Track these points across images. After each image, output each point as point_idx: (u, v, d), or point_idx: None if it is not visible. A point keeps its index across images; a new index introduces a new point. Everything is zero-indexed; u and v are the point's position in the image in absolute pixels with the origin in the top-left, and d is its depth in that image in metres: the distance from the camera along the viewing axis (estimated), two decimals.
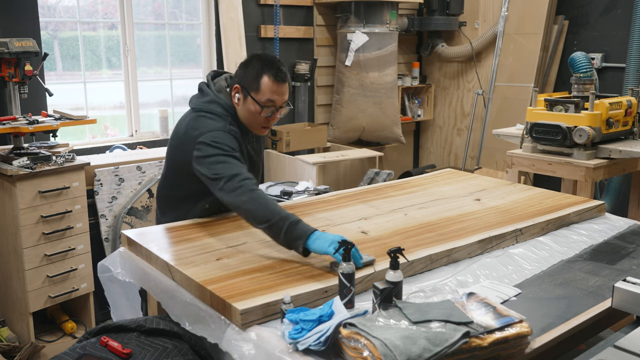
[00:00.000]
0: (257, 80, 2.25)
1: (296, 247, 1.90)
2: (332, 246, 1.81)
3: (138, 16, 4.32)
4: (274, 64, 2.27)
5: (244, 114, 2.31)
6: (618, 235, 2.40)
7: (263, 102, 2.26)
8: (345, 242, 1.69)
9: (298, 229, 1.90)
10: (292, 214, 1.95)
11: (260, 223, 1.97)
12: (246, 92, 2.27)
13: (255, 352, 1.52)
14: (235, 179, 2.06)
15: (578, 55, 4.28)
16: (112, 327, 1.94)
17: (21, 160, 3.08)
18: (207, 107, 2.31)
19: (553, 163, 3.49)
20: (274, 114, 2.32)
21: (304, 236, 1.88)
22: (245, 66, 2.30)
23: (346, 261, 1.66)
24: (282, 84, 2.27)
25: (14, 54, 3.08)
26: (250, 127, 2.35)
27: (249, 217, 2.03)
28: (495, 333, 1.44)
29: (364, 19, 4.90)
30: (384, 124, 5.16)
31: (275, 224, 1.92)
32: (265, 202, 2.00)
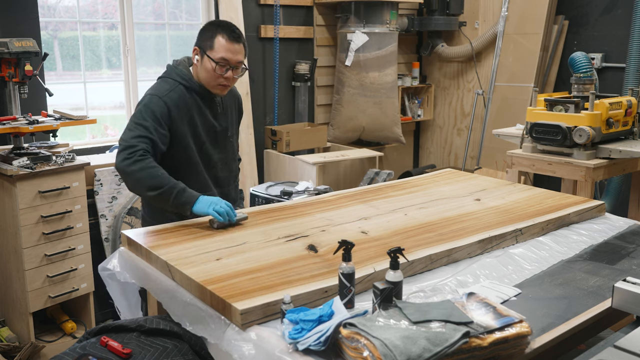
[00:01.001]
0: (211, 40, 2.39)
1: (184, 210, 2.25)
2: (211, 207, 2.22)
3: (138, 16, 4.32)
4: (229, 26, 2.41)
5: (202, 74, 2.43)
6: (618, 235, 2.40)
7: (217, 59, 2.37)
8: (345, 242, 1.69)
9: (185, 195, 2.24)
10: (179, 182, 2.26)
11: (150, 191, 2.23)
12: (202, 52, 2.40)
13: (255, 352, 1.52)
14: (128, 150, 2.25)
15: (578, 55, 4.28)
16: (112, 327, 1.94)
17: (21, 160, 3.08)
18: (165, 73, 2.50)
19: (553, 163, 3.49)
20: (230, 72, 2.41)
21: (191, 202, 2.24)
22: (203, 30, 2.45)
23: (346, 261, 1.66)
24: (235, 43, 2.39)
25: (14, 54, 3.08)
26: (208, 86, 2.44)
27: (141, 185, 2.26)
28: (495, 333, 1.44)
29: (364, 19, 4.90)
30: (384, 124, 5.16)
31: (165, 192, 2.22)
32: (154, 171, 2.24)
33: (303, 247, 2.06)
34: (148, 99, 2.39)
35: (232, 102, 2.64)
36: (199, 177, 2.49)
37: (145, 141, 2.29)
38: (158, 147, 2.33)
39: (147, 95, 2.43)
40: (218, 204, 2.24)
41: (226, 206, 2.24)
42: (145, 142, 2.29)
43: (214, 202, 2.24)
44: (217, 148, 2.54)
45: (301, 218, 2.40)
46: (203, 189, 2.44)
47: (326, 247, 2.05)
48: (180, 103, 2.40)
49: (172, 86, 2.42)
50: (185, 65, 2.50)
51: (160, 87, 2.43)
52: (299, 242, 2.10)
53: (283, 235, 2.17)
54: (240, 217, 2.30)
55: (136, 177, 2.24)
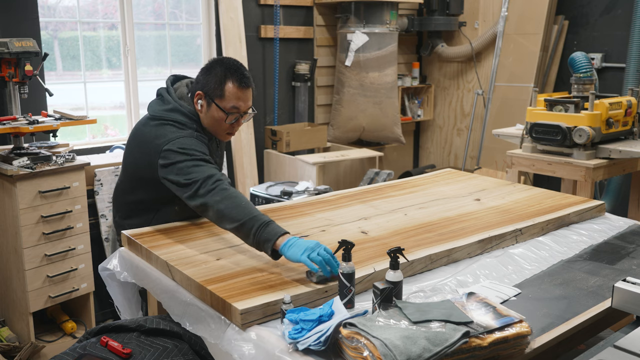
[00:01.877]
0: (220, 87, 2.19)
1: (265, 249, 1.84)
2: (304, 254, 1.73)
3: (138, 16, 4.32)
4: (238, 69, 2.21)
5: (208, 121, 2.26)
6: (618, 235, 2.40)
7: (228, 109, 2.21)
8: (345, 242, 1.69)
9: (267, 231, 1.84)
10: (264, 215, 1.89)
11: (230, 223, 1.92)
12: (210, 99, 2.21)
13: (255, 352, 1.52)
14: (209, 181, 2.00)
15: (578, 55, 4.28)
16: (112, 327, 1.94)
17: (21, 160, 3.08)
18: (169, 115, 2.23)
19: (553, 163, 3.49)
20: (239, 120, 2.27)
21: (273, 239, 1.82)
22: (208, 72, 2.23)
23: (346, 261, 1.66)
24: (246, 89, 2.22)
25: (14, 54, 3.08)
26: (214, 133, 2.31)
27: (220, 217, 1.96)
28: (495, 333, 1.44)
29: (364, 19, 4.90)
30: (384, 124, 5.16)
31: (244, 225, 1.87)
32: (237, 201, 1.94)
33: None
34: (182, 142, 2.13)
35: None
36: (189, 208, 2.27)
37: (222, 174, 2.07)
38: None
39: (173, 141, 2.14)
40: (315, 250, 1.74)
41: (325, 253, 1.74)
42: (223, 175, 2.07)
43: (309, 247, 1.75)
44: None
45: (301, 218, 2.40)
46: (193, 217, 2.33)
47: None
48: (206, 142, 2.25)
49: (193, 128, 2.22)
50: (189, 102, 2.28)
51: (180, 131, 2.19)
52: None
53: None
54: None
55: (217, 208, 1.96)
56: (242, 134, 4.59)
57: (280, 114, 5.00)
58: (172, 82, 2.37)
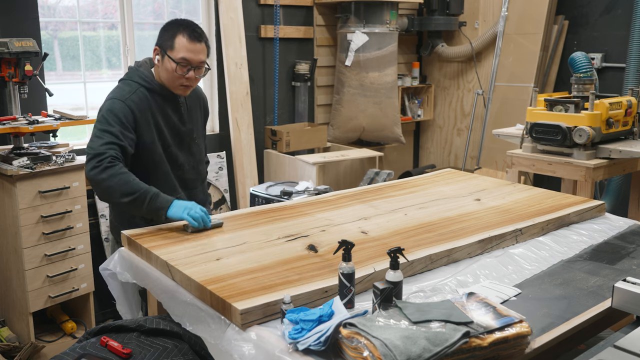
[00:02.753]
0: (172, 39, 2.34)
1: (159, 216, 2.22)
2: (185, 212, 2.17)
3: (138, 16, 4.32)
4: (190, 25, 2.36)
5: (164, 74, 2.39)
6: (618, 235, 2.40)
7: (178, 59, 2.32)
8: (345, 242, 1.69)
9: (159, 200, 2.20)
10: (151, 187, 2.22)
11: (123, 197, 2.18)
12: (163, 52, 2.36)
13: (255, 352, 1.52)
14: (97, 158, 2.20)
15: (578, 55, 4.28)
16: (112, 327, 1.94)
17: (21, 160, 3.08)
18: (125, 75, 2.45)
19: (553, 163, 3.49)
20: (192, 73, 2.37)
21: (165, 206, 2.20)
22: (164, 29, 2.39)
23: (346, 261, 1.66)
24: (197, 42, 2.34)
25: (14, 54, 3.08)
26: (170, 87, 2.41)
27: (113, 192, 2.20)
28: (495, 333, 1.44)
29: (364, 19, 4.90)
30: (384, 124, 5.16)
31: (138, 197, 2.18)
32: (126, 177, 2.20)
33: (303, 247, 2.06)
34: (110, 104, 2.33)
35: (196, 104, 2.60)
36: (166, 180, 2.45)
37: (113, 147, 2.24)
38: (127, 152, 2.29)
39: (108, 99, 2.37)
40: (193, 208, 2.19)
41: (201, 211, 2.19)
42: (114, 148, 2.24)
43: (188, 206, 2.20)
44: (183, 150, 2.51)
45: (301, 218, 2.40)
46: (171, 192, 2.40)
47: (326, 247, 2.05)
48: (143, 105, 2.36)
49: (134, 89, 2.37)
50: (147, 67, 2.45)
51: (121, 90, 2.38)
52: (299, 242, 2.10)
53: (283, 235, 2.18)
54: (215, 223, 2.24)
55: (107, 184, 2.19)
56: (242, 134, 4.59)
57: (280, 114, 5.00)
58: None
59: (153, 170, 2.42)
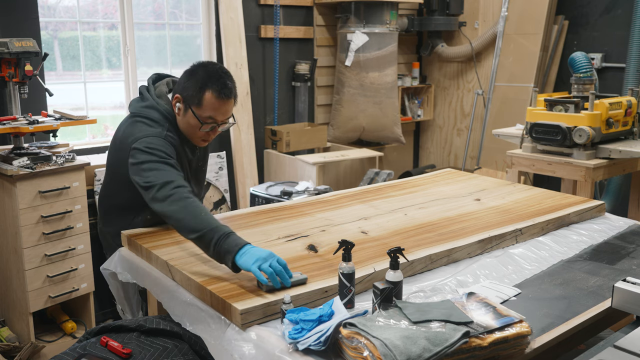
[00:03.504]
0: (199, 95, 2.12)
1: (226, 261, 1.78)
2: (255, 264, 1.70)
3: (138, 16, 4.32)
4: (220, 78, 2.13)
5: (184, 125, 2.21)
6: (618, 235, 2.40)
7: (203, 119, 2.15)
8: (345, 242, 1.69)
9: (228, 242, 1.78)
10: (225, 226, 1.83)
11: (190, 233, 1.86)
12: (187, 105, 2.16)
13: (255, 352, 1.52)
14: (167, 187, 1.96)
15: (578, 55, 4.28)
16: (112, 327, 1.94)
17: (21, 160, 3.08)
18: (144, 112, 2.21)
19: (553, 163, 3.49)
20: (215, 128, 2.22)
21: (234, 251, 1.75)
22: (189, 76, 2.17)
23: (346, 261, 1.66)
24: (226, 100, 2.14)
25: (14, 54, 3.08)
26: (189, 138, 2.26)
27: (180, 227, 1.91)
28: (495, 333, 1.44)
29: (364, 19, 4.90)
30: (384, 124, 5.16)
31: (205, 236, 1.82)
32: (196, 211, 1.89)
33: (303, 247, 2.06)
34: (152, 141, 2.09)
35: None
36: None
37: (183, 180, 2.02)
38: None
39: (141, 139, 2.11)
40: (267, 260, 1.71)
41: (277, 265, 1.71)
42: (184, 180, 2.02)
43: (262, 257, 1.72)
44: (194, 180, 2.41)
45: (301, 218, 2.40)
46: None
47: (326, 247, 2.05)
48: (175, 143, 2.20)
49: (165, 128, 2.19)
50: (168, 101, 2.25)
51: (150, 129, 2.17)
52: (299, 242, 2.10)
53: (283, 235, 2.18)
54: (297, 280, 1.74)
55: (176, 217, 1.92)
56: (242, 134, 4.59)
57: (280, 114, 5.00)
58: (153, 81, 2.34)
59: None
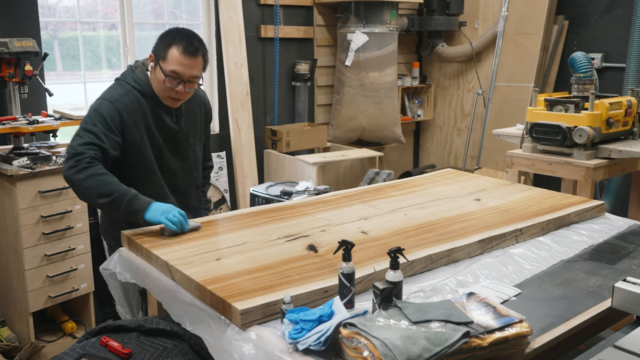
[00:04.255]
0: (166, 49, 2.25)
1: (137, 218, 2.15)
2: (163, 215, 2.12)
3: (138, 16, 4.32)
4: (187, 37, 2.25)
5: (154, 83, 2.31)
6: (618, 235, 2.40)
7: (167, 72, 2.24)
8: (345, 242, 1.69)
9: (138, 202, 2.14)
10: (130, 189, 2.16)
11: (100, 198, 2.13)
12: (156, 61, 2.28)
13: (255, 352, 1.52)
14: (75, 157, 2.14)
15: (578, 55, 4.28)
16: (112, 327, 1.94)
17: (21, 160, 3.08)
18: (120, 76, 2.38)
19: (553, 163, 3.49)
20: (181, 87, 2.27)
21: (143, 208, 2.14)
22: (162, 36, 2.31)
23: (346, 261, 1.66)
24: (191, 57, 2.24)
25: (14, 54, 3.08)
26: (160, 96, 2.33)
27: (90, 195, 2.15)
28: (495, 333, 1.44)
29: (364, 19, 4.90)
30: (384, 124, 5.16)
31: (115, 199, 2.12)
32: (104, 178, 2.14)
33: (303, 247, 2.06)
34: (98, 104, 2.27)
35: (196, 108, 2.51)
36: (156, 185, 2.39)
37: (93, 148, 2.17)
38: (109, 153, 2.21)
39: (98, 99, 2.30)
40: (171, 212, 2.14)
41: (179, 215, 2.15)
42: (94, 149, 2.17)
43: (166, 210, 2.15)
44: (176, 155, 2.44)
45: (301, 218, 2.40)
46: (161, 197, 2.34)
47: (326, 247, 2.05)
48: (133, 108, 2.29)
49: (126, 91, 2.30)
50: (143, 70, 2.36)
51: (113, 91, 2.32)
52: (299, 242, 2.10)
53: (283, 235, 2.18)
54: (193, 226, 2.20)
55: (84, 185, 2.14)
56: (242, 134, 4.59)
57: (280, 114, 5.00)
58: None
59: (143, 175, 2.35)
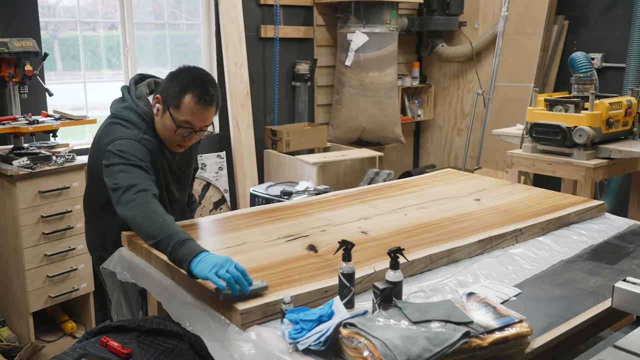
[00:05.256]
0: (179, 97, 2.06)
1: (183, 268, 1.75)
2: (212, 270, 1.64)
3: (138, 16, 4.32)
4: (203, 84, 2.06)
5: (160, 127, 2.15)
6: (618, 235, 2.40)
7: (180, 122, 2.08)
8: (345, 242, 1.69)
9: (182, 250, 1.74)
10: (183, 233, 1.79)
11: (148, 239, 1.85)
12: (166, 106, 2.09)
13: (255, 352, 1.52)
14: (131, 191, 1.91)
15: (578, 55, 4.28)
16: (112, 327, 1.94)
17: (21, 160, 3.08)
18: (123, 113, 2.15)
19: (553, 163, 3.49)
20: (192, 135, 2.14)
21: (188, 259, 1.71)
22: (173, 78, 2.11)
23: (346, 261, 1.66)
24: (207, 107, 2.07)
25: (14, 54, 3.08)
26: (165, 141, 2.18)
27: (140, 233, 1.90)
28: (495, 333, 1.44)
29: (364, 19, 4.90)
30: (384, 124, 5.16)
31: (161, 242, 1.79)
32: (154, 217, 1.86)
33: (303, 247, 2.06)
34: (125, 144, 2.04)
35: None
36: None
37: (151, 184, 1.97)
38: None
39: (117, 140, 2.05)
40: (224, 266, 1.65)
41: (235, 270, 1.64)
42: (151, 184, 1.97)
43: (218, 263, 1.66)
44: (177, 184, 2.35)
45: (301, 218, 2.40)
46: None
47: (326, 247, 2.05)
48: (151, 147, 2.13)
49: (141, 129, 2.13)
50: (147, 101, 2.19)
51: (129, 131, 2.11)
52: (299, 242, 2.10)
53: (283, 235, 2.18)
54: (258, 287, 1.67)
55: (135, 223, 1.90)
56: (242, 134, 4.59)
57: (280, 114, 5.00)
58: (136, 81, 2.29)
59: None
